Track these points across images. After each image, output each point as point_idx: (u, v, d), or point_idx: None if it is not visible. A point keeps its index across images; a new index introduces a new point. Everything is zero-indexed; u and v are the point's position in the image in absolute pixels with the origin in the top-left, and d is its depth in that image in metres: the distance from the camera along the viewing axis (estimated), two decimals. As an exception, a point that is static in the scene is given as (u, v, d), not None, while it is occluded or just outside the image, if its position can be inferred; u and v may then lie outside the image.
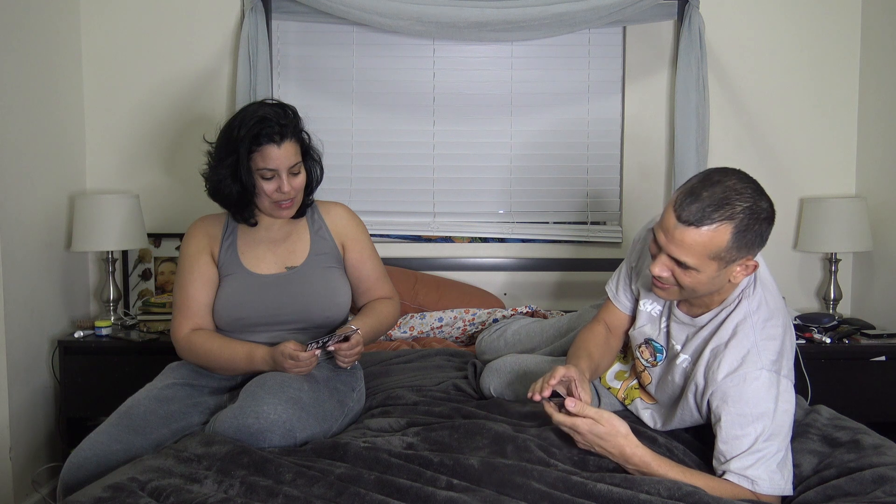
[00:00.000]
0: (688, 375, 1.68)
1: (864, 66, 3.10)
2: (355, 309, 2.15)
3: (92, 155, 3.10)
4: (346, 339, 1.88)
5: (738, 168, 1.56)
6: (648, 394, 1.84)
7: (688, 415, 1.70)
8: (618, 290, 1.89)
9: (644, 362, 1.81)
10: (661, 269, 1.56)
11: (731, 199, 1.47)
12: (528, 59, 3.19)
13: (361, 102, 3.19)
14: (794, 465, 1.64)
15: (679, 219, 1.49)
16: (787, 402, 1.56)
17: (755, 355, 1.57)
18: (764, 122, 3.13)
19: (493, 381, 2.06)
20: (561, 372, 1.63)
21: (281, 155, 1.93)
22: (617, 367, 1.95)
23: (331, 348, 1.86)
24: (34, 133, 2.73)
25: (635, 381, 1.89)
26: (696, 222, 1.48)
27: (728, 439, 1.55)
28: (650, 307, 1.79)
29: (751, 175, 1.55)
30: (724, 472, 1.55)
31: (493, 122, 3.20)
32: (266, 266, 2.03)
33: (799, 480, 1.62)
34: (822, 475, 1.62)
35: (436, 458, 1.53)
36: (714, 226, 1.47)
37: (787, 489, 1.55)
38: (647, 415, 1.83)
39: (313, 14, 2.97)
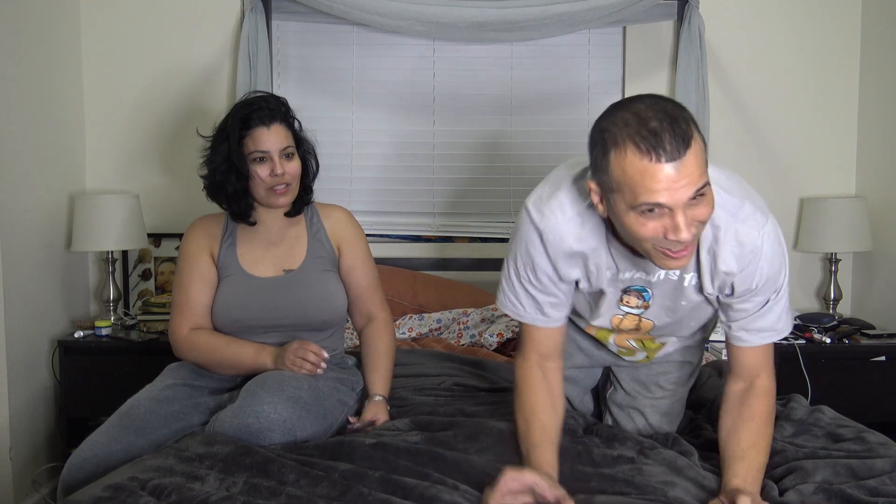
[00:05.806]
0: (700, 288, 1.57)
1: (864, 66, 3.10)
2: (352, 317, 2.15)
3: (92, 155, 3.09)
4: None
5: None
6: (650, 337, 1.76)
7: (703, 314, 1.68)
8: (545, 308, 1.61)
9: (635, 311, 1.66)
10: (687, 226, 1.36)
11: (670, 111, 1.41)
12: (528, 59, 3.18)
13: (361, 102, 3.19)
14: (800, 447, 1.67)
15: (671, 157, 1.35)
16: (781, 237, 1.55)
17: (743, 223, 1.48)
18: (764, 123, 3.13)
19: None
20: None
21: (271, 136, 1.94)
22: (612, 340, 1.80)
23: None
24: (34, 133, 2.73)
25: (631, 340, 1.77)
26: (684, 144, 1.37)
27: (764, 313, 1.55)
28: (603, 283, 1.60)
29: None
30: (748, 342, 1.56)
31: (493, 122, 3.20)
32: (264, 268, 2.03)
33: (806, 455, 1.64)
34: (832, 452, 1.64)
35: (440, 458, 1.53)
36: (692, 135, 1.40)
37: (790, 325, 1.61)
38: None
39: (313, 14, 2.96)
